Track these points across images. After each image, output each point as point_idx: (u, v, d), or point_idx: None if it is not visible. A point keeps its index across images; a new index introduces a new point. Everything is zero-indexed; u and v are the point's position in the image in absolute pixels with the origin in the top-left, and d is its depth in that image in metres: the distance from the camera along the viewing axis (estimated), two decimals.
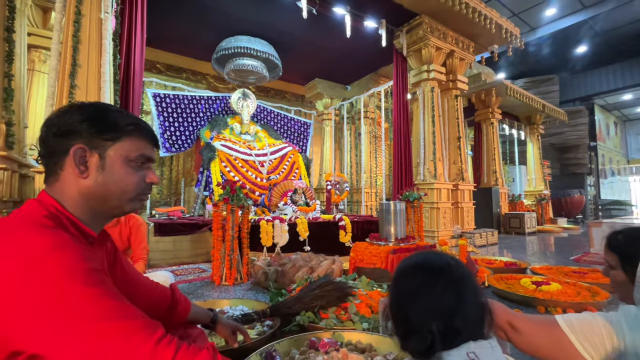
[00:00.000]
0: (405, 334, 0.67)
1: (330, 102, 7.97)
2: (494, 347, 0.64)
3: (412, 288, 0.69)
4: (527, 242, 5.91)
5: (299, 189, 4.53)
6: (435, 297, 0.65)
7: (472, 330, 0.65)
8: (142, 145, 0.76)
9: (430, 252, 0.78)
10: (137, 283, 0.98)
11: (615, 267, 0.97)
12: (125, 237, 2.32)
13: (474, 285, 0.69)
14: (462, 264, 0.72)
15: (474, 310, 0.66)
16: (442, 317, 0.63)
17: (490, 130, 7.82)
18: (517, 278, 2.66)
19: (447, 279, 0.67)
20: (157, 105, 5.51)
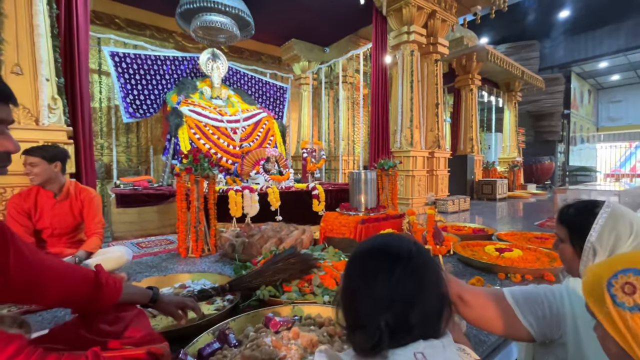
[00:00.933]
0: (352, 327, 0.60)
1: (308, 65, 7.58)
2: (447, 345, 0.58)
3: (363, 276, 0.61)
4: (497, 208, 6.12)
5: (271, 157, 4.38)
6: (388, 287, 0.57)
7: (426, 326, 0.58)
8: None
9: (390, 236, 0.70)
10: (44, 268, 0.87)
11: (564, 241, 0.96)
12: (77, 211, 2.16)
13: (435, 275, 0.62)
14: (424, 251, 0.65)
15: (433, 304, 0.60)
16: (394, 310, 0.56)
17: (470, 96, 7.76)
18: (482, 245, 2.72)
19: (404, 268, 0.59)
20: (116, 66, 5.03)
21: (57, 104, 2.44)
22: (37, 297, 0.90)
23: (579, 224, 0.92)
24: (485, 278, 2.09)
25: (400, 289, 0.57)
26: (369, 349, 0.55)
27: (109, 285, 0.97)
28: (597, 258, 0.87)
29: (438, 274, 0.63)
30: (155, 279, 1.98)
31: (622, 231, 0.85)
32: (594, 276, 0.51)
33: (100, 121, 5.83)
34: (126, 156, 6.21)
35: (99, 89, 5.73)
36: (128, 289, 1.03)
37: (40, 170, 1.90)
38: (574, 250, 0.92)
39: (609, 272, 0.48)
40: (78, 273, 0.94)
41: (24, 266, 0.82)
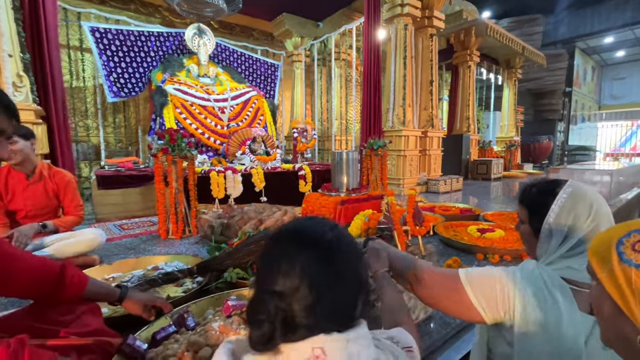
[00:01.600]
0: (250, 317, 0.53)
1: (301, 41, 7.31)
2: (353, 339, 0.52)
3: (268, 262, 0.55)
4: (491, 188, 6.07)
5: (258, 137, 4.28)
6: (289, 275, 0.51)
7: (333, 318, 0.52)
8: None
9: (312, 219, 0.62)
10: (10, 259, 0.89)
11: (524, 222, 0.92)
12: (51, 193, 2.12)
13: (351, 264, 0.56)
14: (343, 237, 0.57)
15: (344, 294, 0.53)
16: (292, 301, 0.50)
17: (467, 73, 7.53)
18: (466, 225, 2.69)
19: (311, 255, 0.52)
20: (97, 43, 4.84)
21: (24, 82, 2.34)
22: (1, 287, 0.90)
23: (538, 204, 0.87)
24: (464, 259, 2.06)
25: (304, 277, 0.50)
26: (265, 341, 0.50)
27: (73, 283, 0.99)
28: (554, 240, 0.82)
29: (356, 261, 0.57)
30: (130, 261, 1.96)
31: (581, 212, 0.80)
32: (604, 236, 0.50)
33: (86, 101, 5.69)
34: (116, 137, 6.10)
35: (82, 67, 5.55)
36: (93, 287, 1.05)
37: (20, 147, 1.86)
38: (532, 231, 0.89)
39: (623, 231, 0.48)
40: (44, 267, 0.95)
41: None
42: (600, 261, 0.48)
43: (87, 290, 1.02)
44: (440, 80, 9.71)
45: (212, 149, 4.75)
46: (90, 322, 1.00)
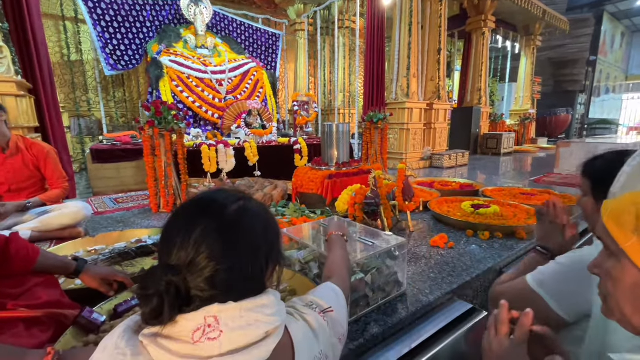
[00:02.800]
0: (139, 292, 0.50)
1: (304, 8, 6.95)
2: (250, 309, 0.51)
3: (165, 233, 0.54)
4: (499, 163, 5.86)
5: (253, 110, 4.17)
6: (185, 247, 0.50)
7: (229, 290, 0.51)
8: None
9: (219, 191, 0.61)
10: None
11: (587, 194, 0.88)
12: (31, 165, 2.12)
13: (253, 237, 0.55)
14: (250, 211, 0.57)
15: (245, 263, 0.53)
16: (188, 273, 0.49)
17: (481, 41, 7.07)
18: (462, 201, 2.59)
19: (209, 226, 0.51)
20: (91, 13, 4.69)
21: (4, 52, 2.28)
22: None
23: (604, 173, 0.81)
24: (453, 235, 1.99)
25: (199, 250, 0.49)
26: (151, 317, 0.48)
27: (19, 256, 0.97)
28: None
29: (260, 234, 0.56)
30: (114, 234, 1.97)
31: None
32: (628, 200, 0.45)
33: (86, 75, 5.64)
34: (119, 111, 6.08)
35: (79, 40, 5.45)
36: (46, 260, 1.04)
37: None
38: (596, 203, 0.84)
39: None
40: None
41: None
42: (622, 229, 0.44)
43: (38, 263, 1.01)
44: (453, 49, 9.20)
45: (211, 122, 4.68)
46: (42, 295, 1.00)
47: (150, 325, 0.49)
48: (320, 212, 2.24)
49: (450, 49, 9.20)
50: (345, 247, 1.05)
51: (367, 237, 1.34)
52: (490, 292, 1.06)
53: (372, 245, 1.26)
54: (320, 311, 0.65)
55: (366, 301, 1.20)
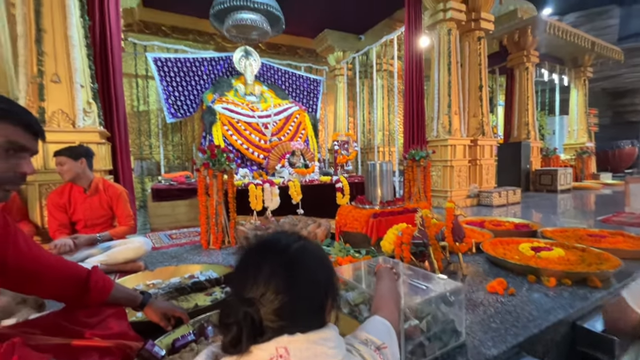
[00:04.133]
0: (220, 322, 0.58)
1: (343, 55, 7.41)
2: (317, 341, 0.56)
3: (238, 270, 0.62)
4: (556, 201, 5.40)
5: (297, 151, 4.36)
6: (255, 281, 0.57)
7: (298, 320, 0.57)
8: (11, 132, 0.71)
9: (281, 233, 0.68)
10: (40, 267, 0.98)
11: None
12: (105, 205, 2.36)
13: (316, 272, 0.62)
14: (309, 250, 0.64)
15: (308, 299, 0.59)
16: (260, 305, 0.55)
17: (525, 76, 6.92)
18: (518, 242, 2.40)
19: (276, 263, 0.58)
20: (159, 70, 5.43)
21: (92, 108, 2.68)
22: (31, 289, 1.00)
23: None
24: (512, 280, 1.83)
25: (269, 285, 0.55)
26: (230, 345, 0.55)
27: (97, 288, 1.06)
28: None
29: (319, 270, 0.62)
30: (170, 269, 2.09)
31: None
32: None
33: (150, 123, 6.37)
34: (174, 154, 6.70)
35: (147, 93, 6.25)
36: (117, 293, 1.12)
37: (68, 168, 2.11)
38: None
39: None
40: (71, 272, 1.03)
41: (21, 259, 0.91)
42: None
43: (111, 295, 1.09)
44: (494, 85, 9.07)
45: (256, 162, 4.96)
46: (114, 326, 1.07)
47: (228, 354, 0.56)
48: (366, 251, 2.20)
49: (491, 85, 9.09)
50: (394, 280, 1.06)
51: (419, 279, 1.28)
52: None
53: (426, 289, 1.20)
54: (375, 348, 0.67)
55: (422, 351, 1.12)
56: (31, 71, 2.49)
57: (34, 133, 0.76)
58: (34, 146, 0.77)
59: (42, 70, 2.47)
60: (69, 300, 1.06)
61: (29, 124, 0.74)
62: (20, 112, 0.73)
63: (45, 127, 2.50)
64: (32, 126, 0.75)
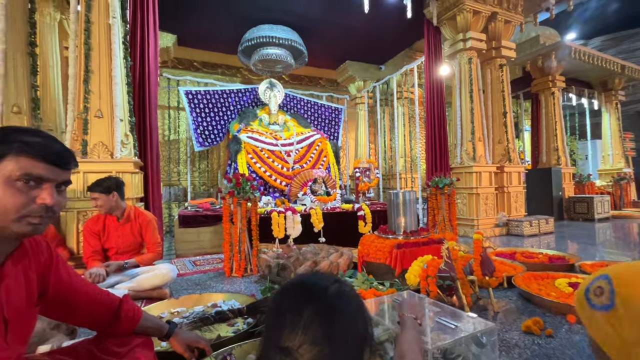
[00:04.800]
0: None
1: (364, 84, 7.60)
2: None
3: (274, 315, 0.60)
4: (593, 231, 5.06)
5: (319, 178, 4.41)
6: (295, 330, 0.55)
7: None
8: (29, 164, 0.73)
9: (315, 274, 0.69)
10: (77, 295, 1.02)
11: None
12: (136, 232, 2.46)
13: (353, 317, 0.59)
14: (346, 294, 0.61)
15: (345, 346, 0.56)
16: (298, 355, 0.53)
17: (551, 101, 6.77)
18: (554, 277, 2.25)
19: (314, 310, 0.56)
20: (189, 102, 5.78)
21: (129, 140, 2.88)
22: (67, 317, 1.05)
23: None
24: (549, 320, 1.70)
25: (307, 333, 0.54)
26: None
27: (128, 317, 1.09)
28: None
29: (357, 315, 0.60)
30: (194, 297, 2.12)
31: None
32: (580, 287, 0.55)
33: (179, 151, 6.71)
34: (201, 180, 6.95)
35: (178, 124, 6.63)
36: (145, 322, 1.14)
37: (102, 202, 2.24)
38: None
39: (589, 280, 0.54)
40: (105, 300, 1.07)
41: (61, 287, 0.96)
42: (580, 308, 0.54)
43: (139, 324, 1.11)
44: (519, 110, 8.91)
45: (278, 190, 5.04)
46: (141, 356, 1.08)
47: None
48: (390, 284, 2.13)
49: (515, 110, 8.94)
50: (418, 330, 1.02)
51: (448, 318, 1.23)
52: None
53: (455, 328, 1.15)
54: None
55: None
56: (78, 108, 2.73)
57: (53, 163, 0.75)
58: (56, 175, 0.77)
59: (87, 107, 2.70)
60: (101, 328, 1.09)
61: (46, 155, 0.74)
62: (38, 144, 0.73)
63: (86, 158, 2.70)
64: (49, 156, 0.75)
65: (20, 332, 0.84)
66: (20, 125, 0.77)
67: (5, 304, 0.78)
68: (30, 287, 0.86)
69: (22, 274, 0.84)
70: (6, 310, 0.78)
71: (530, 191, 6.24)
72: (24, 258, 0.86)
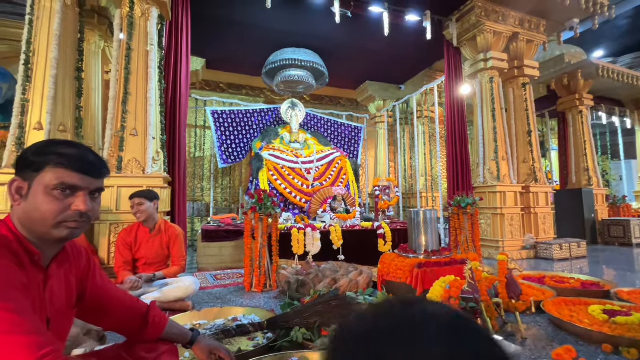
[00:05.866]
0: None
1: (383, 104, 7.69)
2: None
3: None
4: (631, 257, 4.74)
5: (338, 196, 4.43)
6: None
7: None
8: (63, 174, 0.81)
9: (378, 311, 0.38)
10: (110, 300, 1.08)
11: None
12: (165, 244, 2.57)
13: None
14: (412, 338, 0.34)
15: None
16: None
17: (579, 120, 6.57)
18: (587, 304, 2.13)
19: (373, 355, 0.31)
20: (215, 122, 6.04)
21: (160, 156, 3.05)
22: (98, 320, 1.11)
23: None
24: (582, 349, 1.61)
25: None
26: None
27: (155, 323, 1.13)
28: None
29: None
30: (215, 310, 2.16)
31: None
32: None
33: (204, 167, 6.96)
34: (223, 196, 7.14)
35: (204, 141, 6.92)
36: (171, 329, 1.18)
37: (145, 208, 2.38)
38: None
39: None
40: (134, 306, 1.12)
41: (96, 291, 1.02)
42: None
43: (165, 331, 1.14)
44: (545, 129, 8.68)
45: (298, 206, 5.10)
46: None
47: None
48: None
49: (541, 129, 8.70)
50: None
51: None
52: None
53: None
54: None
55: None
56: (116, 127, 2.94)
57: (86, 173, 0.83)
58: (89, 184, 0.84)
59: (124, 126, 2.91)
60: (130, 333, 1.13)
61: (80, 166, 0.82)
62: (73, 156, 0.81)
63: (121, 173, 2.88)
64: (83, 167, 0.82)
65: (59, 331, 0.90)
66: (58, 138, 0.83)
67: (49, 304, 0.85)
68: (70, 289, 0.93)
69: (64, 277, 0.91)
70: (49, 310, 0.85)
71: (559, 213, 5.97)
72: (66, 262, 0.94)
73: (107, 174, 0.92)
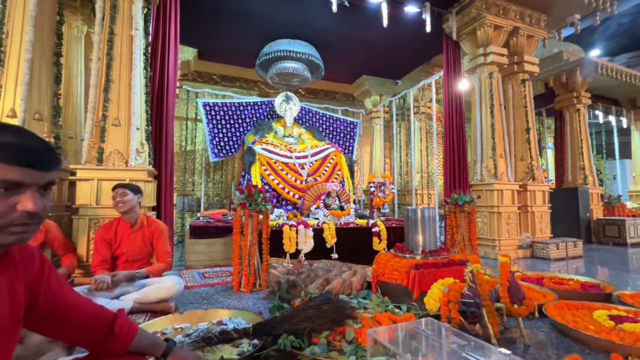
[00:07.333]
0: None
1: (380, 99, 7.55)
2: None
3: None
4: (627, 257, 4.71)
5: (332, 192, 4.31)
6: None
7: None
8: (3, 170, 0.65)
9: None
10: (69, 309, 0.93)
11: None
12: (147, 240, 2.42)
13: None
14: None
15: None
16: None
17: (576, 118, 6.51)
18: (591, 308, 2.04)
19: None
20: (207, 114, 5.85)
21: (144, 148, 2.88)
22: (55, 333, 0.95)
23: None
24: (591, 358, 1.51)
25: None
26: None
27: (122, 333, 0.99)
28: None
29: None
30: (199, 312, 2.02)
31: None
32: None
33: (195, 161, 6.77)
34: (214, 191, 6.96)
35: (195, 134, 6.72)
36: (141, 339, 1.04)
37: (129, 198, 2.25)
38: None
39: None
40: (97, 315, 0.98)
41: (50, 300, 0.87)
42: None
43: (135, 340, 1.00)
44: (541, 127, 8.63)
45: (291, 202, 4.96)
46: None
47: None
48: (407, 307, 1.98)
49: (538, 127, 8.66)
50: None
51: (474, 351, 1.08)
52: None
53: None
54: None
55: None
56: (97, 116, 2.76)
57: (31, 166, 0.67)
58: (37, 179, 0.68)
59: (105, 115, 2.73)
60: (94, 346, 0.99)
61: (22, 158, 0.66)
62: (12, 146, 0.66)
63: (102, 165, 2.71)
64: (26, 159, 0.67)
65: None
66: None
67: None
68: (15, 299, 0.78)
69: (7, 286, 0.76)
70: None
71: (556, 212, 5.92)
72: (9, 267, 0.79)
73: (58, 165, 0.77)
